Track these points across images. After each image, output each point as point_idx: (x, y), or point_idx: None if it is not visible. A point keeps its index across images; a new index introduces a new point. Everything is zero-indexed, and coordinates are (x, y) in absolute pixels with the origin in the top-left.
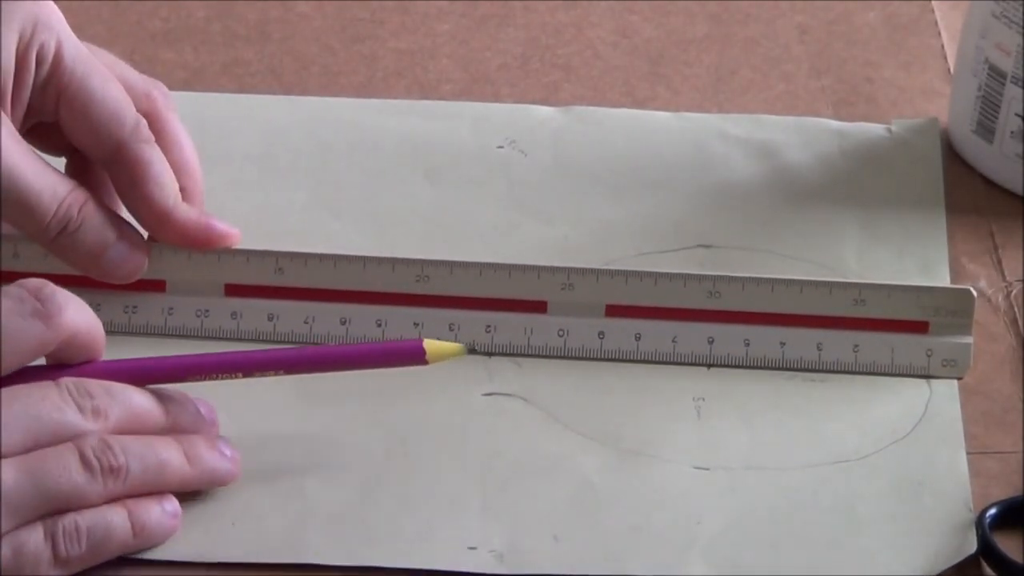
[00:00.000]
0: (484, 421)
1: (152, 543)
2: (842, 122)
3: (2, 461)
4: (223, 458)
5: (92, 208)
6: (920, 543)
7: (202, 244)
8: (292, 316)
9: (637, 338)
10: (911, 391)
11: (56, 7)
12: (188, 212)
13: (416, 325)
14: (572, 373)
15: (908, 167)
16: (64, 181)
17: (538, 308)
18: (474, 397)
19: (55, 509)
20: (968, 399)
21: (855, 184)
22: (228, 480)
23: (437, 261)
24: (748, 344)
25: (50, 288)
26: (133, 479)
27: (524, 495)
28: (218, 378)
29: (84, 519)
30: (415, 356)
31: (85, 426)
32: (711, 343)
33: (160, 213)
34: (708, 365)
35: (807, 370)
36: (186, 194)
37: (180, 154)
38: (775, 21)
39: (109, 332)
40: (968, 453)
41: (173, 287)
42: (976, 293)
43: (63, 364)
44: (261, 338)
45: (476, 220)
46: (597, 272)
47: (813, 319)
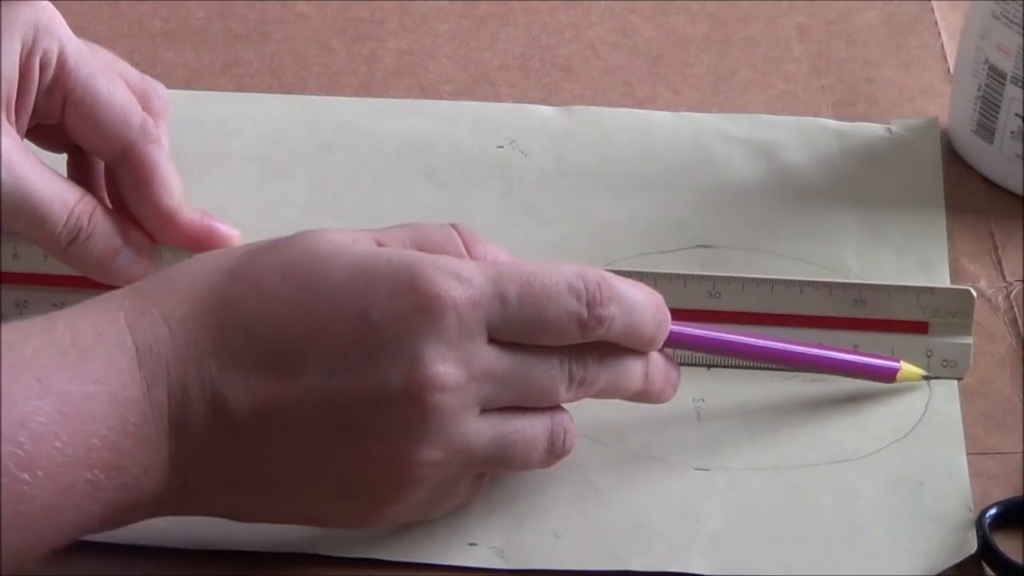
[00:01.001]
0: None
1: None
2: (842, 122)
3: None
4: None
5: (101, 215)
6: (920, 543)
7: (204, 245)
8: None
9: None
10: (911, 392)
11: (56, 10)
12: (191, 214)
13: None
14: None
15: (908, 167)
16: (73, 189)
17: None
18: None
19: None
20: (968, 399)
21: (855, 184)
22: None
23: None
24: None
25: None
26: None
27: (524, 494)
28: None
29: None
30: (886, 375)
31: (564, 398)
32: None
33: (165, 214)
34: (708, 366)
35: (807, 371)
36: None
37: None
38: (775, 21)
39: None
40: (968, 453)
41: None
42: (976, 293)
43: None
44: None
45: (476, 220)
46: None
47: (813, 320)
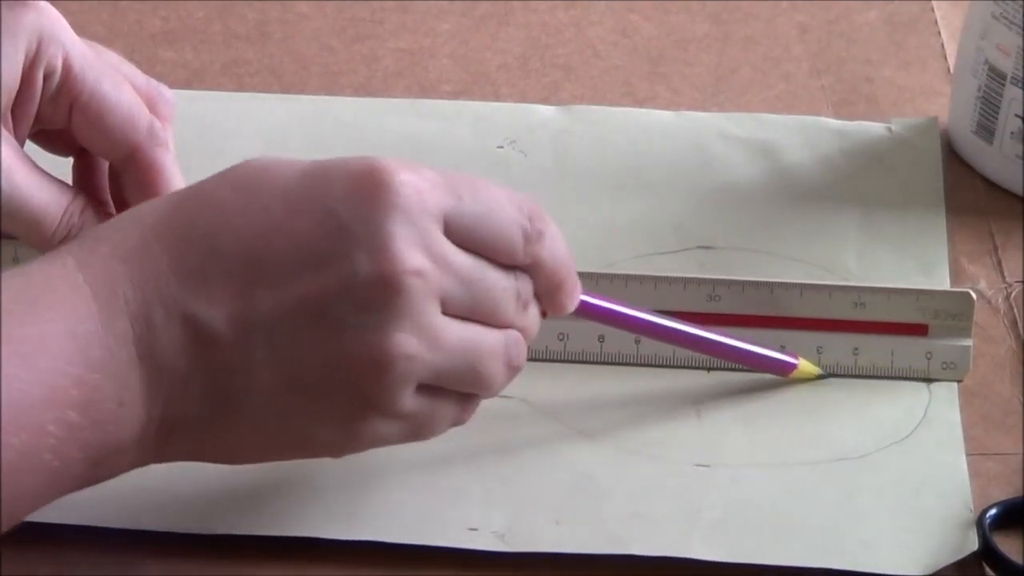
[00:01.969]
0: (484, 420)
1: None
2: (842, 121)
3: None
4: None
5: (91, 213)
6: (920, 543)
7: None
8: None
9: (637, 342)
10: (911, 394)
11: (59, 14)
12: None
13: None
14: (572, 377)
15: (908, 166)
16: (65, 191)
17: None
18: None
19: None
20: (968, 401)
21: (855, 184)
22: None
23: None
24: None
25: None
26: None
27: (524, 485)
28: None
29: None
30: (784, 369)
31: (512, 317)
32: None
33: None
34: (708, 368)
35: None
36: None
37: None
38: (775, 20)
39: None
40: (968, 454)
41: None
42: (976, 295)
43: None
44: None
45: None
46: (597, 276)
47: (813, 322)
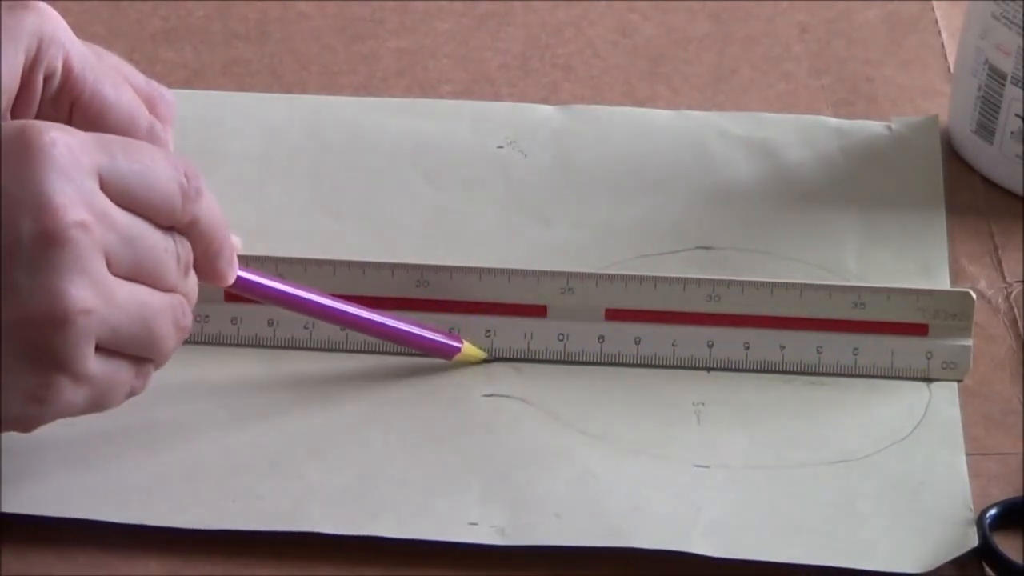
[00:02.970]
0: (484, 418)
1: None
2: (842, 120)
3: None
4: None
5: None
6: (920, 542)
7: None
8: (292, 322)
9: (637, 342)
10: (911, 394)
11: (59, 16)
12: None
13: None
14: (572, 377)
15: (908, 165)
16: None
17: (538, 312)
18: (473, 398)
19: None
20: (968, 401)
21: (855, 183)
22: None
23: (437, 266)
24: (748, 348)
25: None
26: None
27: (524, 481)
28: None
29: None
30: (448, 352)
31: (174, 280)
32: (711, 347)
33: None
34: (708, 369)
35: (807, 373)
36: None
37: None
38: (775, 20)
39: None
40: (968, 454)
41: None
42: (976, 295)
43: None
44: (261, 344)
45: (475, 221)
46: (596, 276)
47: (813, 322)
